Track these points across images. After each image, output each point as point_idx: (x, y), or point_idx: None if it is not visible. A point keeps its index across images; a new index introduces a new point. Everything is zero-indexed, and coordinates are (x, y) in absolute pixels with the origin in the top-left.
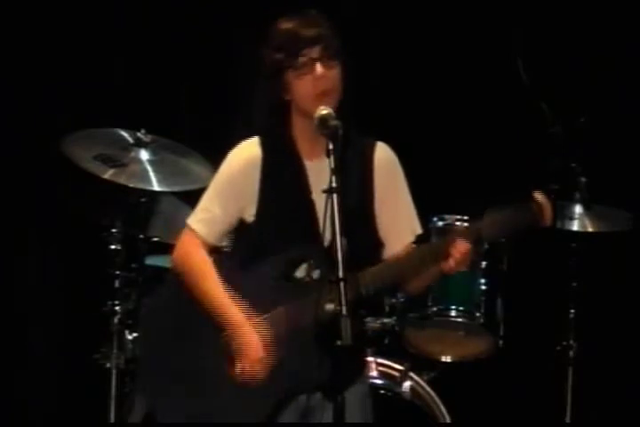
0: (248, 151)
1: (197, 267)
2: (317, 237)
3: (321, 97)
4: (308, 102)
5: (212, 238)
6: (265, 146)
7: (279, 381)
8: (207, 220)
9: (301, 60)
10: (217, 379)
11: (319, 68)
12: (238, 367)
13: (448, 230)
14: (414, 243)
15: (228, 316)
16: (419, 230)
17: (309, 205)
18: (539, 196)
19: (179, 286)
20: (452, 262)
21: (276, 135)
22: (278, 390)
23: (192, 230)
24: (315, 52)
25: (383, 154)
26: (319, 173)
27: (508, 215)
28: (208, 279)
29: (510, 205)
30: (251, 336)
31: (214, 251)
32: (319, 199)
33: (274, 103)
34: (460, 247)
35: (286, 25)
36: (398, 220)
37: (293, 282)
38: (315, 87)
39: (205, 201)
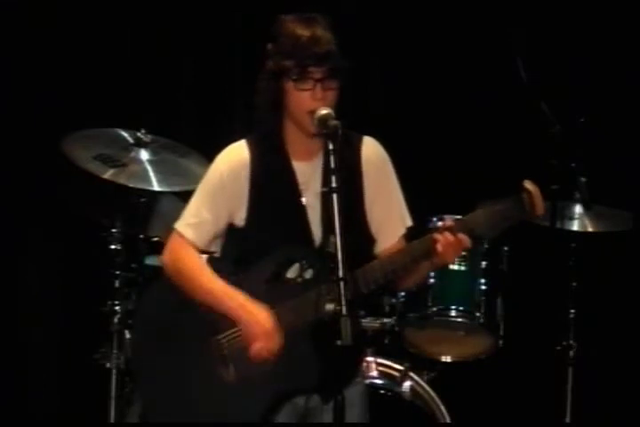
0: (236, 154)
1: (189, 267)
2: (309, 237)
3: (313, 114)
4: (300, 115)
5: (201, 243)
6: (253, 148)
7: (276, 382)
8: (196, 224)
9: (305, 76)
10: (210, 380)
11: (319, 90)
12: (253, 347)
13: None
14: (407, 239)
15: (231, 302)
16: (409, 223)
17: (299, 206)
18: (528, 184)
19: (169, 288)
20: (440, 256)
21: (265, 136)
22: (275, 391)
23: (180, 235)
24: (320, 72)
25: (371, 149)
26: (308, 173)
27: (498, 207)
28: (203, 276)
29: (501, 197)
30: (260, 314)
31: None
32: (309, 200)
33: (270, 100)
34: (444, 241)
35: (300, 32)
36: (390, 215)
37: (285, 283)
38: (310, 105)
39: (194, 205)
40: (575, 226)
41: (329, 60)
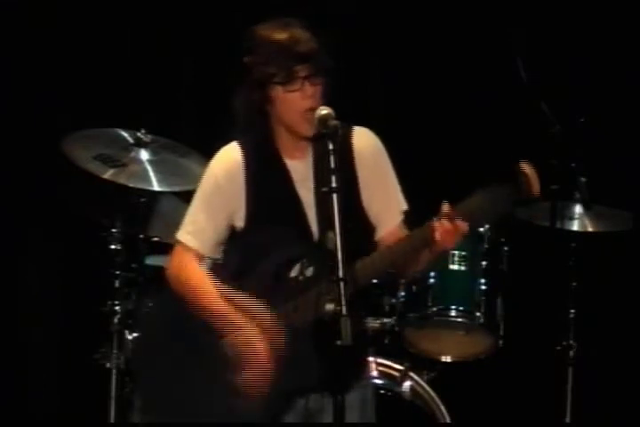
0: (228, 157)
1: (192, 282)
2: (307, 234)
3: (306, 114)
4: (292, 117)
5: (204, 250)
6: (245, 150)
7: (276, 382)
8: (196, 231)
9: (292, 77)
10: (215, 382)
11: (308, 87)
12: (241, 375)
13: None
14: (406, 223)
15: (231, 322)
16: (404, 207)
17: (296, 204)
18: (525, 166)
19: (176, 294)
20: (440, 244)
21: (256, 137)
22: (278, 391)
23: (182, 244)
24: (305, 69)
25: (362, 140)
26: (302, 170)
27: (495, 191)
28: (206, 292)
29: (497, 180)
30: (256, 340)
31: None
32: (305, 197)
33: (255, 111)
34: (442, 228)
35: (277, 36)
36: (388, 204)
37: (288, 282)
38: (301, 105)
39: (192, 213)
40: (575, 226)
41: (312, 57)
